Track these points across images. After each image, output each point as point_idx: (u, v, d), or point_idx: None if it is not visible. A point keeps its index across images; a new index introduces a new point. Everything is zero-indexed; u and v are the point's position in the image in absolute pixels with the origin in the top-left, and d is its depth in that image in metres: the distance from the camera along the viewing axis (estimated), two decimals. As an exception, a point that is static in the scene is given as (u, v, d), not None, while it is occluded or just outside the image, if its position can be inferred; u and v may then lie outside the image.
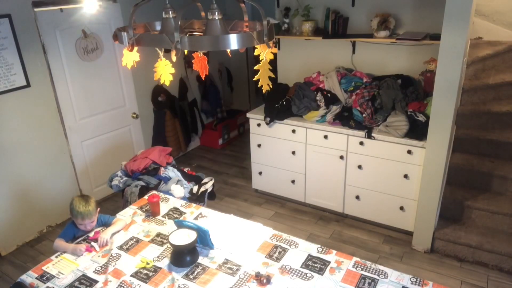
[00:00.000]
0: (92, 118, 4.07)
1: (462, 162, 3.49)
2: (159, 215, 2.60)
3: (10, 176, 3.46)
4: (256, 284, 1.96)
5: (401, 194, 3.34)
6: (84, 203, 2.37)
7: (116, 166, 3.67)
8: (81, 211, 2.34)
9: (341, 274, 2.01)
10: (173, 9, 1.68)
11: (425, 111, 3.19)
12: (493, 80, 3.75)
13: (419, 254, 3.30)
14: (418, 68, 3.51)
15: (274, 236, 2.33)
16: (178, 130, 5.07)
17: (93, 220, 2.42)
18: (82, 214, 2.35)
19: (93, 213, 2.40)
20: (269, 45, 1.65)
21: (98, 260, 2.18)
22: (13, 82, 3.33)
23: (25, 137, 3.50)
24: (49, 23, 3.53)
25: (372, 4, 3.54)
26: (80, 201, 2.37)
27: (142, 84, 4.49)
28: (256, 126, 3.94)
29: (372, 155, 3.37)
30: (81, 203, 2.36)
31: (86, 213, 2.36)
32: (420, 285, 1.92)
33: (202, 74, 2.02)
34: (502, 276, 3.01)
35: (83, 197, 2.43)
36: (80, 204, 2.36)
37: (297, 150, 3.77)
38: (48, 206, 3.78)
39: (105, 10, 3.88)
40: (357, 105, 3.42)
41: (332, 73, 3.69)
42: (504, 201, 3.25)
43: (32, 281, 2.05)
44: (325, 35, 3.70)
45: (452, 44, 2.67)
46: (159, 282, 1.99)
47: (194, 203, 2.79)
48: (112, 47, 4.06)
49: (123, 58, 1.75)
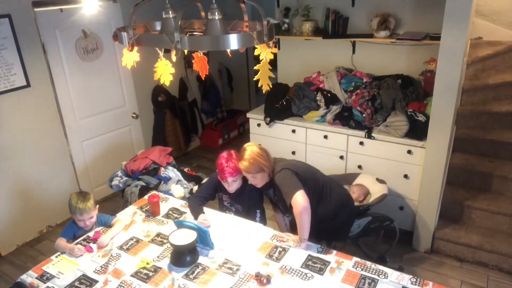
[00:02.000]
0: (92, 118, 4.06)
1: (462, 162, 3.49)
2: (159, 215, 2.60)
3: (10, 176, 3.46)
4: (256, 284, 1.96)
5: (401, 194, 3.34)
6: (82, 198, 2.38)
7: (116, 166, 3.67)
8: (80, 207, 2.36)
9: (341, 274, 2.01)
10: (173, 9, 1.68)
11: (425, 111, 3.18)
12: (493, 80, 3.75)
13: (419, 254, 3.30)
14: (418, 68, 3.51)
15: (274, 236, 2.33)
16: (178, 130, 5.07)
17: (92, 216, 2.42)
18: (80, 209, 2.36)
19: (92, 209, 2.41)
20: (269, 45, 1.65)
21: (98, 260, 2.18)
22: (13, 82, 3.33)
23: (25, 137, 3.50)
24: (49, 23, 3.53)
25: (372, 4, 3.54)
26: (78, 197, 2.39)
27: (142, 84, 4.49)
28: (256, 126, 3.94)
29: (372, 155, 3.37)
30: (79, 199, 2.38)
31: (85, 209, 2.37)
32: (420, 285, 1.92)
33: (202, 74, 2.02)
34: (502, 276, 3.01)
35: (81, 193, 2.45)
36: (78, 200, 2.37)
37: (297, 150, 3.76)
38: (48, 206, 3.78)
39: (105, 10, 3.88)
40: (357, 105, 3.42)
41: (332, 73, 3.69)
42: (504, 201, 3.25)
43: (32, 280, 2.05)
44: (325, 35, 3.70)
45: (452, 44, 2.67)
46: (159, 282, 1.99)
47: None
48: (112, 47, 4.06)
49: (123, 58, 1.75)
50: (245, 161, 2.30)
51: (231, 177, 2.39)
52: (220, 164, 2.41)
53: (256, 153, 2.30)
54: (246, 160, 2.29)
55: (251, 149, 2.33)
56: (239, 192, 2.55)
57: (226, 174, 2.38)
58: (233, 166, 2.38)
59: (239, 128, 5.94)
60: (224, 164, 2.39)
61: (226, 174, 2.38)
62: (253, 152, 2.31)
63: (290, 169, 2.27)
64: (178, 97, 5.05)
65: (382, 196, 2.91)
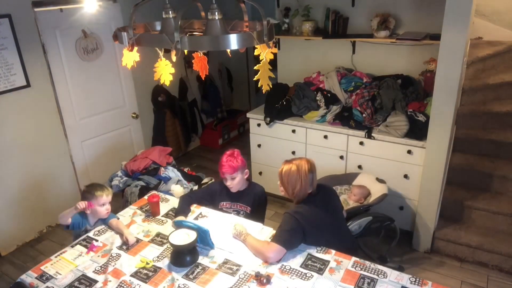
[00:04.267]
0: (92, 118, 4.06)
1: (462, 162, 3.49)
2: (159, 215, 2.60)
3: (10, 176, 3.46)
4: (256, 284, 1.96)
5: (401, 194, 3.34)
6: (99, 186, 2.48)
7: (116, 166, 3.67)
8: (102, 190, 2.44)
9: (341, 274, 2.01)
10: (173, 9, 1.68)
11: (425, 111, 3.19)
12: (493, 80, 3.75)
13: (419, 254, 3.30)
14: (418, 68, 3.51)
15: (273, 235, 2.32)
16: (178, 130, 5.07)
17: (110, 200, 2.49)
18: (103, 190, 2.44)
19: (111, 192, 2.50)
20: (269, 45, 1.65)
21: (97, 260, 2.18)
22: (13, 82, 3.33)
23: (25, 137, 3.50)
24: (49, 23, 3.53)
25: (372, 4, 3.54)
26: (94, 186, 2.48)
27: (142, 84, 4.49)
28: (256, 126, 3.94)
29: (372, 155, 3.37)
30: (97, 187, 2.47)
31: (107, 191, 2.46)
32: (419, 285, 1.92)
33: (202, 74, 2.02)
34: (502, 276, 3.01)
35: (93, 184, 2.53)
36: (97, 187, 2.46)
37: (297, 150, 3.76)
38: (48, 206, 3.78)
39: (105, 10, 3.88)
40: (357, 105, 3.42)
41: (332, 73, 3.69)
42: (504, 201, 3.25)
43: (31, 281, 2.05)
44: (325, 35, 3.70)
45: (452, 44, 2.67)
46: (159, 282, 1.99)
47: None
48: (112, 47, 4.06)
49: (123, 58, 1.75)
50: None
51: (228, 173, 2.50)
52: (221, 160, 2.55)
53: (290, 172, 2.21)
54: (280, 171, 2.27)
55: (298, 163, 2.23)
56: (240, 194, 2.62)
57: (223, 170, 2.50)
58: (231, 164, 2.49)
59: (239, 128, 5.94)
60: (224, 159, 2.52)
61: (223, 169, 2.50)
62: (290, 169, 2.22)
63: (297, 219, 2.15)
64: (178, 97, 5.06)
65: (382, 196, 2.91)
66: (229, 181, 2.53)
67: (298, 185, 2.18)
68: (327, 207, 2.27)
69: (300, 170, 2.18)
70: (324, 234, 2.23)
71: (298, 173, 2.18)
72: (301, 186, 2.19)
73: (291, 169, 2.20)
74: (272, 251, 2.08)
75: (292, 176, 2.19)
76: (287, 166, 2.24)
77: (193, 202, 2.65)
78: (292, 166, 2.21)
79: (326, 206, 2.27)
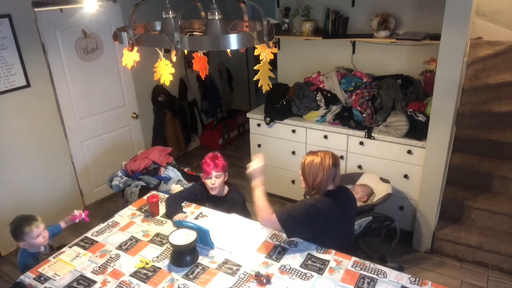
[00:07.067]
0: (92, 118, 4.07)
1: (462, 162, 3.49)
2: (158, 215, 2.60)
3: (10, 176, 3.46)
4: (256, 284, 1.96)
5: (401, 194, 3.34)
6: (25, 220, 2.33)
7: (116, 166, 3.67)
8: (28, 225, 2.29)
9: (340, 273, 2.01)
10: (173, 9, 1.68)
11: (425, 111, 3.19)
12: (493, 80, 3.75)
13: (419, 254, 3.30)
14: (418, 68, 3.51)
15: (274, 236, 2.33)
16: (178, 130, 5.07)
17: (43, 226, 2.35)
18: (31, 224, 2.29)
19: (39, 219, 2.35)
20: (269, 45, 1.65)
21: (96, 261, 2.17)
22: (13, 82, 3.33)
23: (25, 137, 3.50)
24: (49, 23, 3.53)
25: (372, 4, 3.54)
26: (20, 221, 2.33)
27: (142, 84, 4.49)
28: (256, 126, 3.94)
29: (372, 155, 3.37)
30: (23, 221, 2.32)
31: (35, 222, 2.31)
32: (419, 285, 1.92)
33: (202, 74, 2.02)
34: (502, 276, 3.01)
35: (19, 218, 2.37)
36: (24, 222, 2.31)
37: (297, 150, 3.76)
38: (48, 206, 3.78)
39: (105, 10, 3.88)
40: (357, 105, 3.42)
41: (332, 73, 3.69)
42: (504, 201, 3.25)
43: (30, 281, 2.05)
44: (325, 35, 3.70)
45: (452, 44, 2.67)
46: (158, 282, 1.99)
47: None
48: (112, 47, 4.06)
49: (123, 58, 1.75)
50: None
51: (214, 171, 2.54)
52: (204, 160, 2.60)
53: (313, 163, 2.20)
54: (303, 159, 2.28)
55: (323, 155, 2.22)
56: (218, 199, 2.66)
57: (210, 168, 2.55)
58: (218, 162, 2.56)
59: (239, 128, 5.94)
60: (209, 159, 2.58)
61: (210, 167, 2.55)
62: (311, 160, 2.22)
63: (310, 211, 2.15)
64: (178, 97, 5.06)
65: (387, 195, 2.91)
66: (213, 179, 2.54)
67: (320, 177, 2.16)
68: (346, 211, 2.27)
69: (323, 163, 2.18)
70: (329, 234, 2.22)
71: (322, 165, 2.17)
72: (322, 178, 2.17)
73: (314, 160, 2.20)
74: (268, 220, 2.14)
75: (314, 167, 2.18)
76: (310, 157, 2.23)
77: (183, 202, 2.66)
78: (315, 158, 2.21)
79: (345, 210, 2.26)
